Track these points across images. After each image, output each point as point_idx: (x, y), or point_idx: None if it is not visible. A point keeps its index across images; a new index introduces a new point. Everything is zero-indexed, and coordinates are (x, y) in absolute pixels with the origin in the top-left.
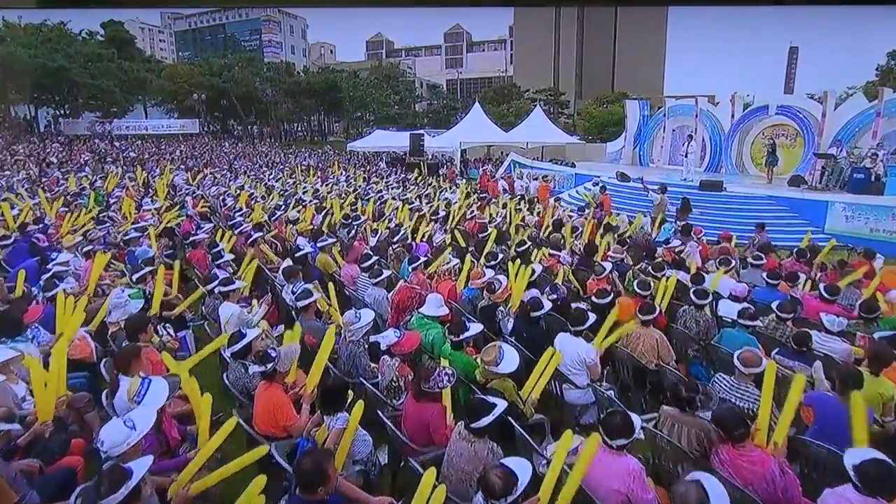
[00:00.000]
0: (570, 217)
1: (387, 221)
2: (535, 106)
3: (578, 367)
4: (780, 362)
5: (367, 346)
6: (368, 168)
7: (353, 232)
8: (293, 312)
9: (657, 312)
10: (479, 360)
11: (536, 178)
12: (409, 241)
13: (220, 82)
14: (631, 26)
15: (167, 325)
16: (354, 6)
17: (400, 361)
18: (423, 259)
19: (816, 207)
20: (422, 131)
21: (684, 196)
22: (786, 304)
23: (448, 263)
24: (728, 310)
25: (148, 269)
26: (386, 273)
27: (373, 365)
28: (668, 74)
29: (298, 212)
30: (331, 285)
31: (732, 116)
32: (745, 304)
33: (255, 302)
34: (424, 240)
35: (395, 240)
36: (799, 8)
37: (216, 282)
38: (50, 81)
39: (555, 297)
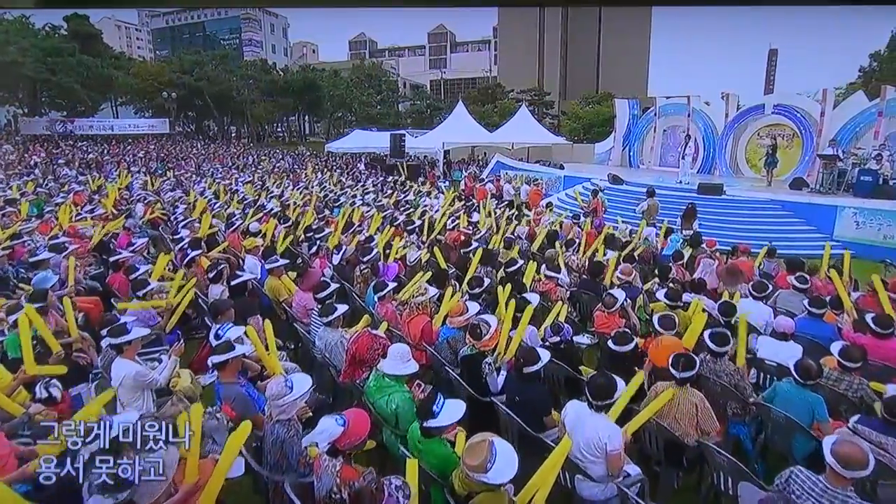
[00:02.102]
0: (572, 227)
1: (356, 234)
2: (521, 105)
3: (596, 454)
4: (865, 436)
5: (300, 428)
6: (346, 171)
7: (315, 248)
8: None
9: (698, 366)
10: (460, 461)
11: (529, 182)
12: (378, 259)
13: (193, 80)
14: (615, 27)
15: (51, 381)
16: (338, 6)
17: (343, 462)
18: (392, 285)
19: (824, 213)
20: (403, 131)
21: (690, 202)
22: (852, 349)
23: (424, 295)
24: (771, 351)
25: (37, 304)
26: (339, 310)
27: (311, 451)
28: (652, 75)
29: (260, 221)
30: (268, 325)
31: (726, 116)
32: (797, 351)
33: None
34: (398, 257)
35: (364, 259)
36: (779, 9)
37: (107, 329)
38: (2, 77)
39: (557, 339)
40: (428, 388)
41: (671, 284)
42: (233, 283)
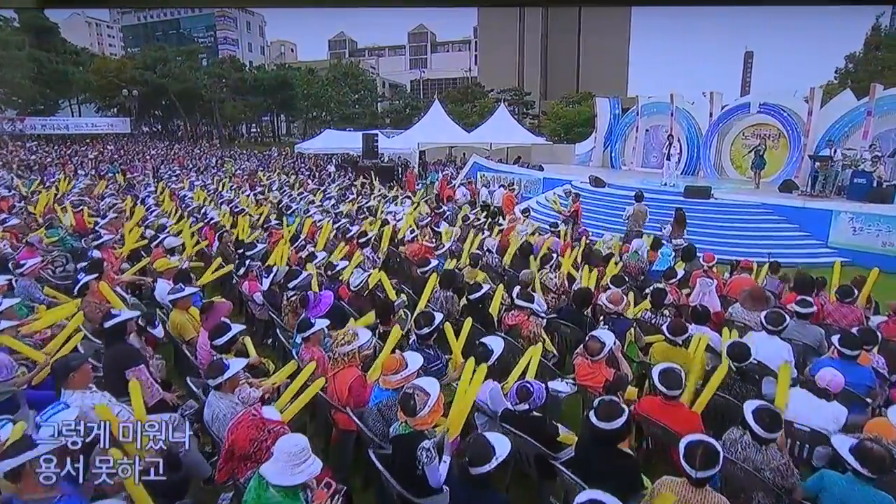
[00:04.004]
0: (546, 240)
1: (301, 250)
2: (499, 104)
3: None
4: None
5: None
6: (315, 173)
7: (244, 268)
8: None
9: (721, 460)
10: None
11: (504, 185)
12: (309, 286)
13: (156, 77)
14: (595, 27)
15: None
16: (317, 6)
17: None
18: (318, 323)
19: (818, 217)
20: (376, 131)
21: (678, 207)
22: None
23: (351, 342)
24: (804, 410)
25: None
26: (232, 368)
27: None
28: (631, 75)
29: (192, 234)
30: (135, 387)
31: (711, 115)
32: (840, 415)
33: None
34: (342, 281)
35: (291, 285)
36: (756, 12)
37: None
38: None
39: (525, 407)
40: (340, 489)
41: (666, 311)
42: (106, 324)
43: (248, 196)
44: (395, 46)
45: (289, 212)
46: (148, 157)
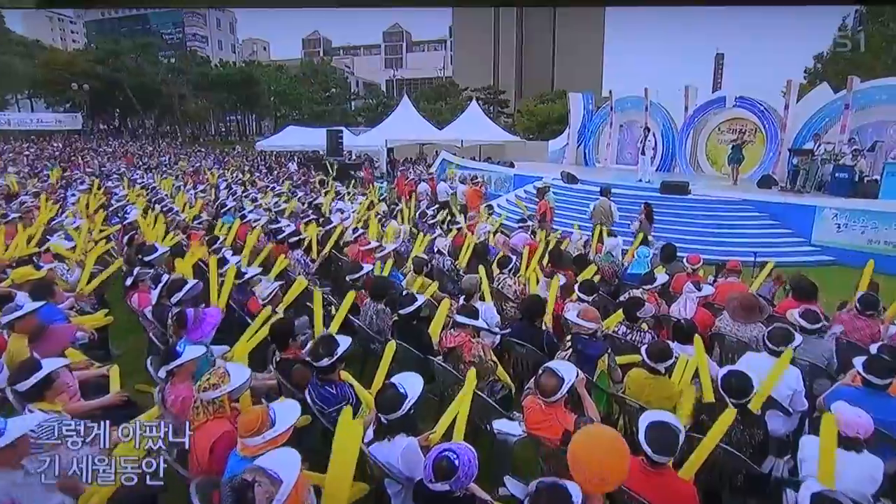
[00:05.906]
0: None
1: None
2: (471, 101)
3: None
4: None
5: None
6: (276, 171)
7: (132, 277)
8: None
9: None
10: None
11: (465, 181)
12: (196, 300)
13: (109, 71)
14: (569, 26)
15: None
16: (290, 6)
17: None
18: (187, 354)
19: (801, 214)
20: (340, 127)
21: (646, 202)
22: None
23: (220, 385)
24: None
25: None
26: (4, 437)
27: None
28: (606, 75)
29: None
30: None
31: (686, 109)
32: (876, 470)
33: None
34: (254, 292)
35: (174, 300)
36: (727, 13)
37: None
38: None
39: (446, 489)
40: None
41: (645, 325)
42: None
43: (186, 194)
44: (371, 46)
45: (223, 210)
46: (92, 155)
